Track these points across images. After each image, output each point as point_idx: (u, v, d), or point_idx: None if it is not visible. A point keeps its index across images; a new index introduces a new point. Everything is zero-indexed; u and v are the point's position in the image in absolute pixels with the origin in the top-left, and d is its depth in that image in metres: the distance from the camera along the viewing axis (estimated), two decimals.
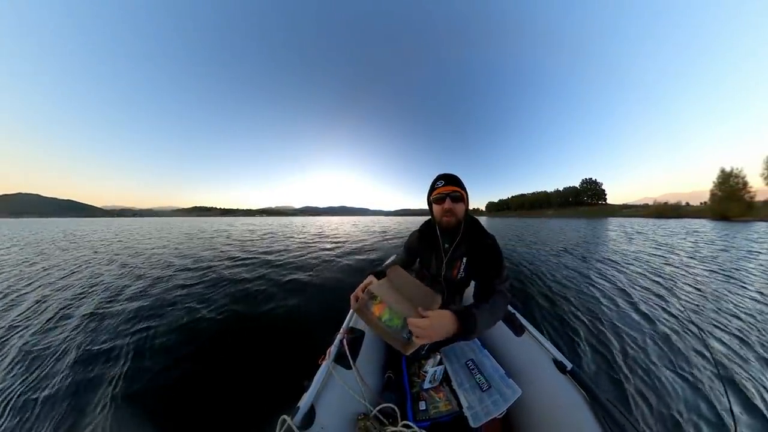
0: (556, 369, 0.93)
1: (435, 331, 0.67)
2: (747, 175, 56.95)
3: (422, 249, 1.17)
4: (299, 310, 2.83)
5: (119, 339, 2.22)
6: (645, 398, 1.50)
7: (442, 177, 1.03)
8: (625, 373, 1.71)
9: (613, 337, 2.16)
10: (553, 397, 0.88)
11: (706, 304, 2.95)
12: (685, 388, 1.60)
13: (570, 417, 0.80)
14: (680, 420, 1.38)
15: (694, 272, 4.43)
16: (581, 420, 0.77)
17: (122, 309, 2.87)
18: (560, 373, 0.91)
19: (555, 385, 0.89)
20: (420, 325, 0.66)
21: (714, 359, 0.64)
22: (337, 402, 0.81)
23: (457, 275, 1.06)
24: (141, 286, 3.76)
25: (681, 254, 6.22)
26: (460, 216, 1.01)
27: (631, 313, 2.63)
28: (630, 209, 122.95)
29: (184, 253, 6.65)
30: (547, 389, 0.91)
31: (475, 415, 0.84)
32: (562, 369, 0.92)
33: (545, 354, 1.02)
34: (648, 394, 1.53)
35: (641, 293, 3.24)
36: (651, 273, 4.32)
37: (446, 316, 0.70)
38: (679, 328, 2.29)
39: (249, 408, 1.40)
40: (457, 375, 0.99)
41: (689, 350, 1.98)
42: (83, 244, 9.52)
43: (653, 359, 1.87)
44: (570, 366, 0.92)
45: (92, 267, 5.24)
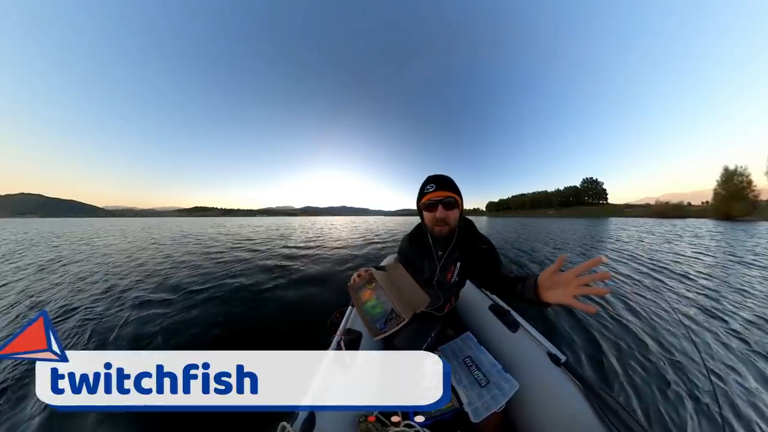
0: (551, 362, 0.96)
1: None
2: (751, 173, 56.46)
3: (414, 255, 1.11)
4: (295, 311, 2.79)
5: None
6: (636, 386, 1.57)
7: (433, 180, 0.92)
8: (616, 363, 1.78)
9: (603, 330, 2.22)
10: (549, 389, 0.90)
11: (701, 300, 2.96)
12: (672, 375, 1.68)
13: (566, 407, 0.83)
14: (669, 406, 1.44)
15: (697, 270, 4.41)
16: (577, 409, 0.80)
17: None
18: (555, 366, 0.94)
19: (551, 377, 0.92)
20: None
21: (702, 356, 0.68)
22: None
23: (451, 279, 1.05)
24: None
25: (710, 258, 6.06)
26: (454, 224, 0.94)
27: (627, 309, 2.64)
28: (632, 209, 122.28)
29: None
30: (543, 381, 0.93)
31: (475, 411, 0.85)
32: (556, 361, 0.95)
33: (540, 348, 1.05)
34: (639, 382, 1.60)
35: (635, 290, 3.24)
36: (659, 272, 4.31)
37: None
38: (671, 326, 2.35)
39: (245, 415, 1.31)
40: (455, 372, 1.00)
41: (678, 341, 2.06)
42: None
43: (644, 351, 1.94)
44: (564, 358, 0.95)
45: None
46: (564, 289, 0.59)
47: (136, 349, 2.08)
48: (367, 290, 0.86)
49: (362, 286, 0.88)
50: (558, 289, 0.61)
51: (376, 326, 0.76)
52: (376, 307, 0.80)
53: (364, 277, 0.91)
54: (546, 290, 0.64)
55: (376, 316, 0.78)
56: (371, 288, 0.86)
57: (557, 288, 0.61)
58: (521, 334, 1.15)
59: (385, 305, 0.80)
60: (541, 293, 0.65)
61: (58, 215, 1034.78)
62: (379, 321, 0.76)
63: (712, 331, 2.26)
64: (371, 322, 0.77)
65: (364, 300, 0.84)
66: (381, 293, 0.83)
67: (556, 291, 0.61)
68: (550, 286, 0.63)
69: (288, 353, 0.72)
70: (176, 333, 2.32)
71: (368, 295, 0.85)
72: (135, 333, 2.31)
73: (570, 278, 0.58)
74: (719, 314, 2.63)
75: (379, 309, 0.79)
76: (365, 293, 0.86)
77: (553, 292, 0.62)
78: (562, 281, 0.60)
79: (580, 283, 0.56)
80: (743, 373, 1.69)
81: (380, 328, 0.75)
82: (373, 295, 0.84)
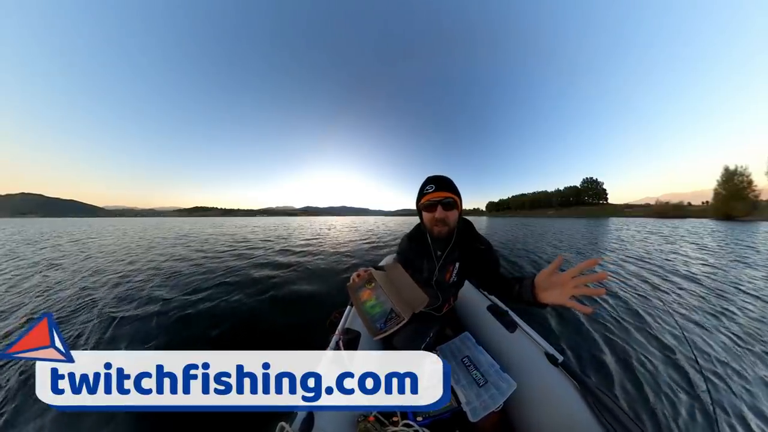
0: (548, 362, 0.98)
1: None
2: (752, 173, 56.34)
3: (413, 255, 1.12)
4: (294, 312, 2.78)
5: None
6: (632, 386, 1.60)
7: (433, 180, 0.93)
8: (612, 363, 1.81)
9: (601, 330, 2.25)
10: (546, 388, 0.91)
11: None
12: (667, 373, 1.72)
13: (563, 406, 0.84)
14: (664, 405, 1.47)
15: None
16: (574, 408, 0.81)
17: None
18: (552, 366, 0.96)
19: (548, 377, 0.93)
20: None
21: (694, 352, 0.70)
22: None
23: (449, 279, 1.06)
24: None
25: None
26: (453, 224, 0.95)
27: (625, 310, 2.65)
28: (633, 209, 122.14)
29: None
30: (540, 381, 0.94)
31: (473, 410, 0.85)
32: (553, 361, 0.96)
33: (537, 348, 1.06)
34: (635, 382, 1.64)
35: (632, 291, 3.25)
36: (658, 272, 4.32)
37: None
38: (662, 322, 2.40)
39: (244, 415, 1.22)
40: (454, 372, 1.00)
41: (673, 340, 2.10)
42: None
43: (641, 350, 1.98)
44: (561, 358, 0.97)
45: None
46: (561, 290, 0.60)
47: (135, 349, 2.08)
48: (367, 290, 0.87)
49: (361, 286, 0.89)
50: (555, 290, 0.61)
51: (376, 326, 0.76)
52: (375, 307, 0.81)
53: (363, 277, 0.91)
54: (543, 291, 0.64)
55: (376, 315, 0.78)
56: (370, 288, 0.87)
57: (554, 289, 0.62)
58: (519, 335, 1.16)
59: (384, 305, 0.80)
60: (538, 294, 0.65)
61: (59, 215, 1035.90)
62: (378, 321, 0.77)
63: (707, 330, 2.30)
64: (371, 322, 0.78)
65: (364, 300, 0.84)
66: (380, 293, 0.84)
67: (553, 292, 0.62)
68: (547, 287, 0.63)
69: (287, 353, 0.72)
70: (176, 333, 2.33)
71: (367, 295, 0.85)
72: (135, 333, 2.32)
73: (566, 279, 0.59)
74: (715, 314, 2.66)
75: (379, 309, 0.80)
76: (364, 293, 0.86)
77: (550, 293, 0.62)
78: (559, 282, 0.61)
79: (576, 284, 0.57)
80: (737, 371, 1.73)
81: (380, 327, 0.75)
82: (373, 295, 0.85)
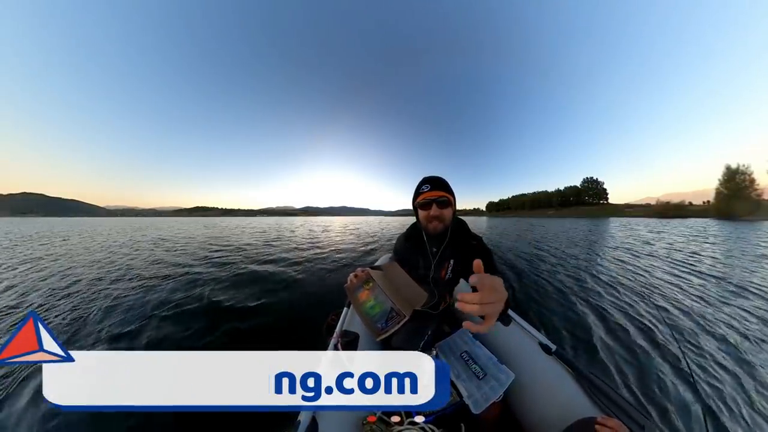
0: (542, 351, 1.04)
1: (497, 293, 0.53)
2: (753, 171, 55.93)
3: (410, 253, 1.15)
4: (291, 313, 2.78)
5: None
6: (621, 368, 1.72)
7: (428, 181, 0.98)
8: (602, 349, 1.94)
9: (589, 320, 2.43)
10: (543, 377, 0.96)
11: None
12: (652, 356, 1.87)
13: (560, 392, 0.89)
14: (651, 383, 1.59)
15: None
16: (570, 393, 0.86)
17: None
18: (547, 355, 1.02)
19: (543, 366, 1.00)
20: (477, 299, 0.50)
21: (674, 335, 0.75)
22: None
23: (445, 276, 1.08)
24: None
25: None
26: (448, 221, 0.99)
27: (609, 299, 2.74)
28: (633, 209, 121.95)
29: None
30: (537, 370, 0.99)
31: (475, 402, 0.87)
32: (547, 351, 1.03)
33: (532, 339, 1.13)
34: (623, 365, 1.76)
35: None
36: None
37: (497, 279, 0.56)
38: (651, 318, 2.52)
39: (243, 424, 1.26)
40: (454, 367, 1.02)
41: (657, 326, 2.26)
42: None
43: (627, 336, 2.12)
44: (554, 347, 1.03)
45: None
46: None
47: (135, 349, 2.07)
48: (365, 291, 0.86)
49: (359, 287, 0.88)
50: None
51: (377, 326, 0.75)
52: (375, 307, 0.80)
53: (361, 277, 0.90)
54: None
55: (376, 316, 0.77)
56: (368, 288, 0.86)
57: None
58: (514, 328, 1.21)
59: (384, 304, 0.79)
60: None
61: (60, 215, 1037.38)
62: (379, 321, 0.76)
63: (686, 313, 2.58)
64: (372, 322, 0.77)
65: (363, 301, 0.83)
66: (379, 293, 0.83)
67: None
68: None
69: (286, 353, 0.71)
70: (175, 333, 2.33)
71: (366, 295, 0.84)
72: (135, 333, 2.32)
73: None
74: (694, 303, 2.87)
75: (379, 309, 0.79)
76: (363, 294, 0.85)
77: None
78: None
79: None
80: (714, 354, 1.89)
81: (381, 327, 0.74)
82: (371, 295, 0.83)
